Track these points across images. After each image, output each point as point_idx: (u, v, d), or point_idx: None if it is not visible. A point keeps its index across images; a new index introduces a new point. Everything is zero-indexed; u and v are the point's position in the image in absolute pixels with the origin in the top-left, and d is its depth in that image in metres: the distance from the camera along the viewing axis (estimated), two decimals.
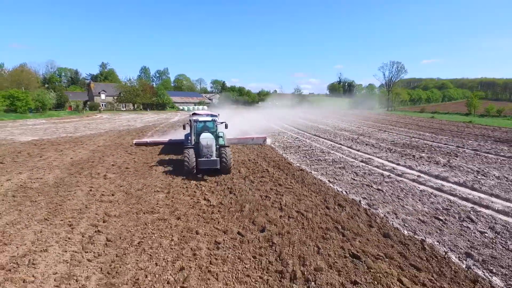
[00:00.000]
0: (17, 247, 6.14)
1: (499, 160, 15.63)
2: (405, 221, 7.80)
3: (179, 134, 21.76)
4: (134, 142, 19.87)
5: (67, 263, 5.61)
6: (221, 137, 13.33)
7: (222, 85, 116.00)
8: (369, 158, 16.16)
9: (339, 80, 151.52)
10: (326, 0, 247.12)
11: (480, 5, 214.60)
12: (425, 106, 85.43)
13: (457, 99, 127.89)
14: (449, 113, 66.10)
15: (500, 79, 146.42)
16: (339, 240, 6.62)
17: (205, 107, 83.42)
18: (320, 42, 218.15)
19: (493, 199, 9.55)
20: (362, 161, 15.33)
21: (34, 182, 10.78)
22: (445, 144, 21.61)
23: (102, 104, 68.25)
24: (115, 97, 70.85)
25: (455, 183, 11.32)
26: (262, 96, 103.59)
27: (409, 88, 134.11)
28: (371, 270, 5.45)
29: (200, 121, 13.19)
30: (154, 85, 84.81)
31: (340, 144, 21.25)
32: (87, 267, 5.50)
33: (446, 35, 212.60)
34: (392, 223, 7.60)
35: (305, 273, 5.34)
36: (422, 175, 12.56)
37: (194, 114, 15.58)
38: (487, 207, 8.84)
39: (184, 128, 14.75)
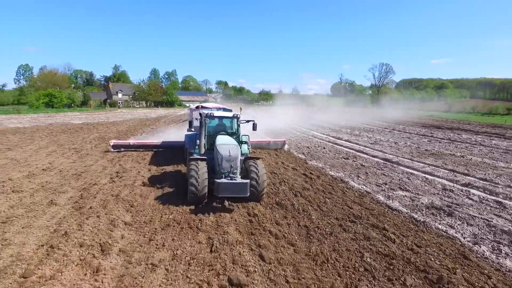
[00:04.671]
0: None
1: (401, 135, 23.14)
2: (304, 154, 15.47)
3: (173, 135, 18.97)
4: (111, 145, 14.14)
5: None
6: (246, 142, 9.36)
7: (224, 85, 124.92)
8: (314, 134, 23.86)
9: (340, 80, 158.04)
10: (333, 0, 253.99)
11: (491, 3, 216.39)
12: (413, 105, 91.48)
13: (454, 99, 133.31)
14: (429, 111, 72.32)
15: (497, 79, 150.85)
16: (273, 158, 14.35)
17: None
18: (328, 42, 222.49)
19: (360, 147, 17.11)
20: (313, 136, 23.01)
21: (104, 136, 19.01)
22: (384, 128, 29.03)
23: (120, 102, 77.32)
24: (131, 96, 79.92)
25: (356, 144, 18.74)
26: (263, 96, 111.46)
27: (412, 88, 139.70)
28: (284, 165, 13.13)
29: (215, 117, 9.12)
30: (164, 86, 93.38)
31: (306, 128, 28.77)
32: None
33: (456, 34, 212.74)
34: (304, 159, 15.29)
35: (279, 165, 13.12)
36: (338, 140, 20.17)
37: (202, 107, 12.22)
38: (350, 148, 16.45)
39: (190, 126, 10.36)
